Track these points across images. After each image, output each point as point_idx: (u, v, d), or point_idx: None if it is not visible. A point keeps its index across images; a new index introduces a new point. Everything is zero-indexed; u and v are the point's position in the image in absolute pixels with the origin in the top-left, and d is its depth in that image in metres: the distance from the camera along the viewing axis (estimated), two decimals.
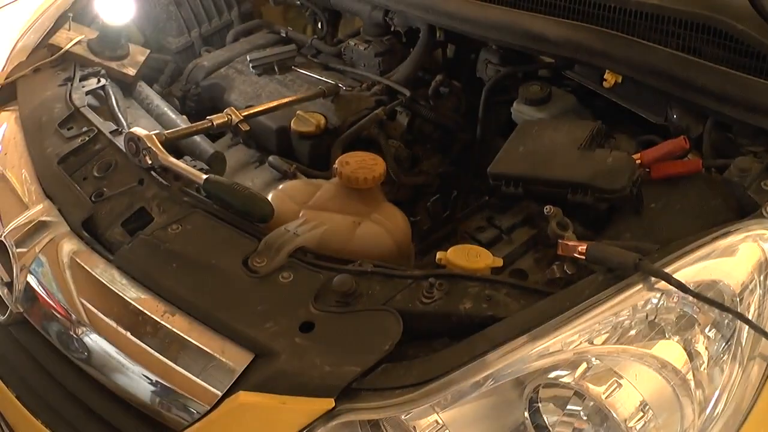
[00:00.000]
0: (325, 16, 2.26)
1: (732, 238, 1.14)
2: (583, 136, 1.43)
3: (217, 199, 1.36)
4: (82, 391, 1.32)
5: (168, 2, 2.20)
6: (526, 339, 1.06)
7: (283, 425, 1.08)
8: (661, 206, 1.33)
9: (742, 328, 1.12)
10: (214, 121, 1.64)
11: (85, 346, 1.31)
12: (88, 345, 1.30)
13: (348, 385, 1.07)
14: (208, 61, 2.07)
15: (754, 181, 1.25)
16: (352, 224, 1.36)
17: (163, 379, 1.21)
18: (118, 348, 1.26)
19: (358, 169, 1.40)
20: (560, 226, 1.25)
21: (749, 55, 1.39)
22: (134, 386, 1.25)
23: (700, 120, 1.50)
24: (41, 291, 1.39)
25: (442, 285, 1.18)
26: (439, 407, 1.06)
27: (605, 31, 1.54)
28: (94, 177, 1.49)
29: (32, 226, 1.44)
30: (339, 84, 1.90)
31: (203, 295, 1.22)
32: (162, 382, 1.21)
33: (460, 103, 1.92)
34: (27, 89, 1.82)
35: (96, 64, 1.87)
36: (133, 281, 1.29)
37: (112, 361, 1.27)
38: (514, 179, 1.42)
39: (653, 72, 1.47)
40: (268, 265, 1.23)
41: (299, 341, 1.13)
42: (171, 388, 1.20)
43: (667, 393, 1.06)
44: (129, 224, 1.38)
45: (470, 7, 1.71)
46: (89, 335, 1.30)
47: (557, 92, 1.75)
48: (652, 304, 1.10)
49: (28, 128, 1.68)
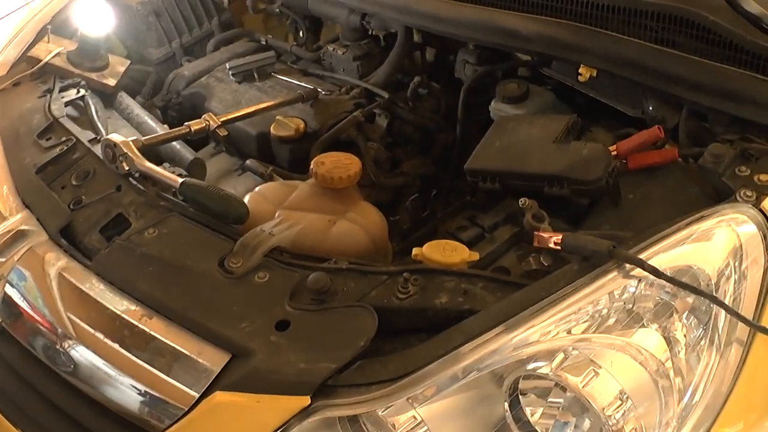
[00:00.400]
0: (305, 23, 2.28)
1: (706, 223, 1.14)
2: (558, 130, 1.43)
3: (193, 201, 1.36)
4: (61, 399, 1.31)
5: (148, 13, 2.20)
6: (502, 329, 1.05)
7: (259, 424, 1.08)
8: (638, 197, 1.33)
9: (718, 314, 1.12)
10: (192, 127, 1.64)
11: (63, 353, 1.30)
12: (67, 351, 1.30)
13: (323, 381, 1.06)
14: (188, 70, 2.08)
15: (728, 167, 1.26)
16: (328, 223, 1.36)
17: (140, 383, 1.20)
18: (96, 353, 1.26)
19: (334, 168, 1.40)
20: (536, 218, 1.25)
21: (722, 45, 1.40)
22: (112, 391, 1.24)
23: (675, 110, 1.51)
24: (19, 300, 1.38)
25: (418, 280, 1.18)
26: (417, 402, 1.06)
27: (578, 25, 1.54)
28: (72, 185, 1.49)
29: (10, 236, 1.44)
30: (318, 89, 1.90)
31: (180, 297, 1.22)
32: (140, 385, 1.20)
33: (439, 104, 1.93)
34: (7, 102, 1.82)
35: (76, 75, 1.87)
36: (110, 286, 1.28)
37: (90, 367, 1.27)
38: (491, 174, 1.42)
39: (627, 64, 1.48)
40: (243, 266, 1.23)
41: (275, 339, 1.13)
42: (149, 392, 1.19)
43: (646, 381, 1.06)
44: (107, 231, 1.38)
45: (444, 7, 1.72)
46: (67, 342, 1.29)
47: (535, 89, 1.75)
48: (629, 292, 1.10)
49: (6, 140, 1.68)
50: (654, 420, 1.05)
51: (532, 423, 1.09)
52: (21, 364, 1.40)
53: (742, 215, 1.16)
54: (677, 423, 1.08)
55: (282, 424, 1.06)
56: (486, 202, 1.50)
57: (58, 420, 1.30)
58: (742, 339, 1.12)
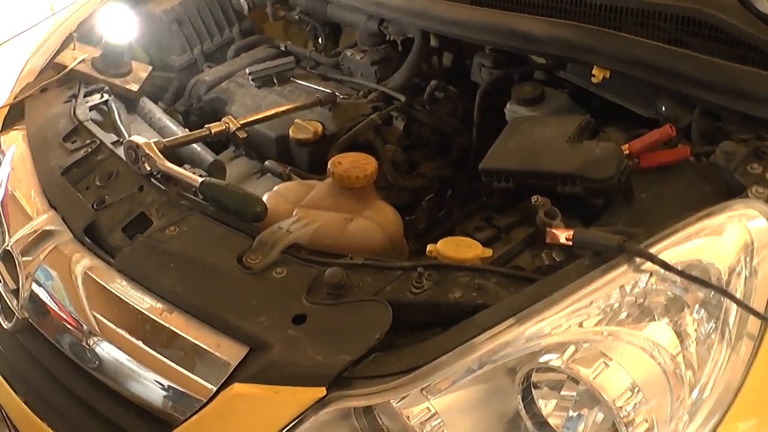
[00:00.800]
0: (325, 30, 2.31)
1: (717, 219, 1.14)
2: (571, 130, 1.44)
3: (212, 200, 1.40)
4: (86, 393, 1.35)
5: (170, 21, 2.25)
6: (514, 322, 1.07)
7: (276, 414, 1.10)
8: (651, 195, 1.34)
9: (729, 308, 1.12)
10: (212, 129, 1.68)
11: (88, 348, 1.34)
12: (92, 346, 1.33)
13: (339, 373, 1.08)
14: (209, 76, 2.12)
15: (740, 164, 1.26)
16: (344, 220, 1.38)
17: (162, 376, 1.23)
18: (120, 348, 1.29)
19: (351, 168, 1.43)
20: (548, 215, 1.27)
21: (734, 44, 1.41)
22: (135, 384, 1.27)
23: (688, 110, 1.52)
24: (45, 297, 1.42)
25: (432, 275, 1.19)
26: (431, 394, 1.07)
27: (592, 27, 1.56)
28: (96, 186, 1.54)
29: (37, 236, 1.48)
30: (336, 92, 1.93)
31: (199, 292, 1.25)
32: (161, 379, 1.23)
33: (456, 107, 1.95)
34: (34, 108, 1.88)
35: (100, 81, 1.93)
36: (132, 283, 1.32)
37: (114, 362, 1.30)
38: (505, 174, 1.44)
39: (640, 64, 1.49)
40: (261, 262, 1.26)
41: (292, 333, 1.15)
42: (170, 385, 1.22)
43: (657, 374, 1.06)
44: (129, 229, 1.42)
45: (459, 11, 1.74)
46: (92, 337, 1.33)
47: (550, 92, 1.77)
48: (640, 287, 1.11)
49: (34, 144, 1.73)
50: (665, 413, 1.06)
51: (544, 415, 1.10)
52: (48, 359, 1.44)
53: (753, 210, 1.16)
54: (688, 416, 1.08)
55: (299, 414, 1.08)
56: (502, 204, 1.52)
57: (82, 413, 1.34)
58: (754, 333, 1.12)
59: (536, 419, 1.10)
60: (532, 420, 1.10)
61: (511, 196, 1.49)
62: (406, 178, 1.78)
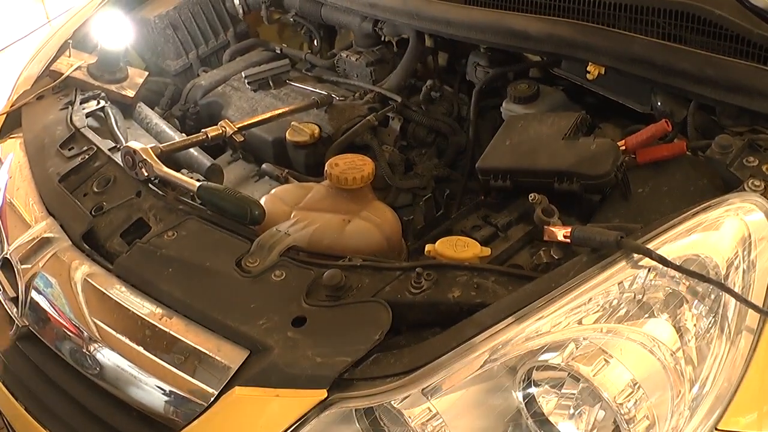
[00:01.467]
0: (320, 32, 2.32)
1: (714, 213, 1.15)
2: (567, 127, 1.45)
3: (210, 204, 1.40)
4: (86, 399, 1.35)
5: (165, 26, 2.25)
6: (513, 320, 1.07)
7: (278, 417, 1.10)
8: (648, 190, 1.34)
9: (728, 302, 1.12)
10: (209, 134, 1.68)
11: (88, 354, 1.34)
12: (92, 352, 1.33)
13: (340, 375, 1.08)
14: (205, 80, 2.13)
15: (736, 158, 1.26)
16: (342, 222, 1.38)
17: (163, 381, 1.23)
18: (120, 353, 1.29)
19: (347, 169, 1.43)
20: (546, 213, 1.27)
21: (729, 39, 1.42)
22: (136, 390, 1.27)
23: (683, 104, 1.52)
24: (45, 304, 1.42)
25: (430, 275, 1.20)
26: (432, 395, 1.07)
27: (586, 24, 1.56)
28: (94, 192, 1.54)
29: (35, 243, 1.48)
30: (332, 94, 1.94)
31: (199, 296, 1.26)
32: (162, 384, 1.23)
33: (452, 107, 1.95)
34: (31, 115, 1.88)
35: (96, 87, 1.92)
36: (132, 288, 1.32)
37: (114, 368, 1.30)
38: (502, 172, 1.44)
39: (634, 60, 1.50)
40: (260, 265, 1.26)
41: (292, 335, 1.15)
42: (169, 389, 1.22)
43: (657, 370, 1.07)
44: (128, 235, 1.42)
45: (454, 10, 1.75)
46: (92, 344, 1.33)
47: (545, 89, 1.77)
48: (638, 283, 1.11)
49: (31, 151, 1.73)
50: (666, 409, 1.06)
51: (545, 414, 1.10)
52: (48, 366, 1.43)
53: (749, 204, 1.17)
54: (689, 412, 1.08)
55: (300, 417, 1.08)
56: (499, 202, 1.52)
57: (83, 419, 1.33)
58: (752, 327, 1.12)
59: (537, 417, 1.10)
60: (533, 418, 1.09)
61: (508, 194, 1.49)
62: (404, 178, 1.78)
